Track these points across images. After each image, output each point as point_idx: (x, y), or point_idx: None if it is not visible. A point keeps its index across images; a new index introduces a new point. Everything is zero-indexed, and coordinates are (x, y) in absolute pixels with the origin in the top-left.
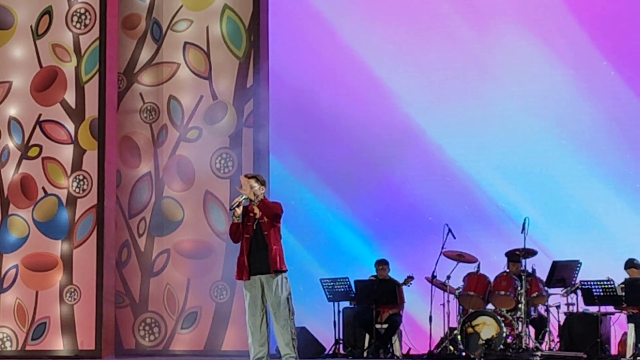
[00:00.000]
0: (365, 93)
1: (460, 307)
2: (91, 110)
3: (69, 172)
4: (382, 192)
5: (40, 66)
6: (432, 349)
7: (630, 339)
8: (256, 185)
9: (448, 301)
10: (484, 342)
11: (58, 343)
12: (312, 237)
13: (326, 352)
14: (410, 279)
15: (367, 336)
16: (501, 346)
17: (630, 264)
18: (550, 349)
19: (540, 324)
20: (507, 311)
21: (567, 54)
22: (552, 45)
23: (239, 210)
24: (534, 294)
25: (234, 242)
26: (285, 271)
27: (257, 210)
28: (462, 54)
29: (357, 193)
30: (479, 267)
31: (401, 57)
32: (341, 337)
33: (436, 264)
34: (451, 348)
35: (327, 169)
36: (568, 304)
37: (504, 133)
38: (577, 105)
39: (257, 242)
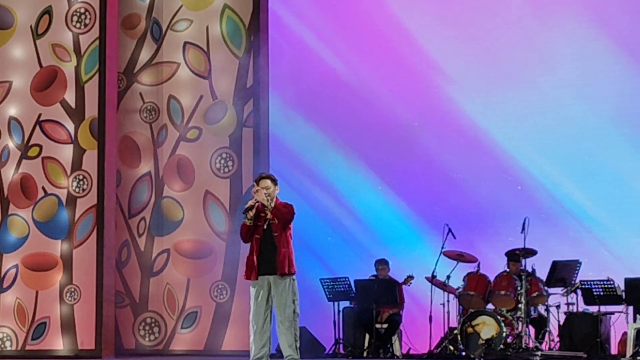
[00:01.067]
0: (365, 93)
1: (460, 307)
2: (91, 110)
3: (68, 172)
4: (382, 192)
5: (40, 66)
6: (432, 348)
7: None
8: (271, 187)
9: (448, 301)
10: (484, 341)
11: (58, 343)
12: (312, 237)
13: (326, 352)
14: (410, 278)
15: (367, 336)
16: (501, 346)
17: None
18: (550, 349)
19: (540, 323)
20: (507, 311)
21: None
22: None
23: (252, 213)
24: (534, 294)
25: (244, 242)
26: (293, 274)
27: (268, 212)
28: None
29: (357, 193)
30: (479, 266)
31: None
32: (341, 336)
33: (436, 264)
34: (451, 348)
35: (327, 169)
36: (568, 304)
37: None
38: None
39: (266, 242)
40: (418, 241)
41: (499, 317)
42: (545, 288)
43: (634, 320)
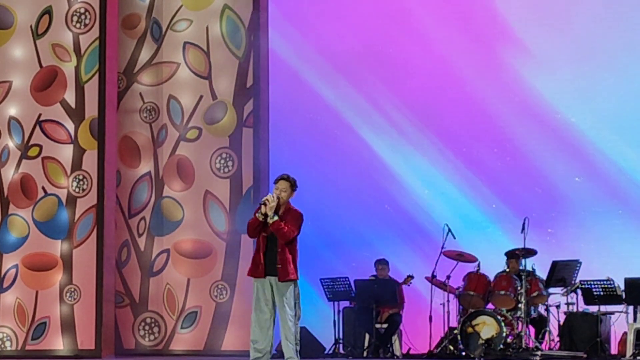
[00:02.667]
0: (365, 91)
1: (460, 307)
2: (91, 110)
3: (68, 171)
4: (382, 192)
5: (40, 66)
6: (432, 348)
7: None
8: (287, 190)
9: (448, 301)
10: (484, 341)
11: (58, 343)
12: (312, 237)
13: (326, 352)
14: (410, 278)
15: (367, 336)
16: (501, 346)
17: None
18: (550, 349)
19: (540, 323)
20: (507, 311)
21: None
22: None
23: (265, 209)
24: (534, 294)
25: (250, 237)
26: (296, 280)
27: (270, 220)
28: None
29: (357, 193)
30: (479, 266)
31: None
32: (341, 336)
33: (436, 264)
34: (451, 348)
35: (326, 168)
36: (568, 304)
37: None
38: None
39: (273, 242)
40: (418, 241)
41: (499, 317)
42: (545, 288)
43: (634, 320)
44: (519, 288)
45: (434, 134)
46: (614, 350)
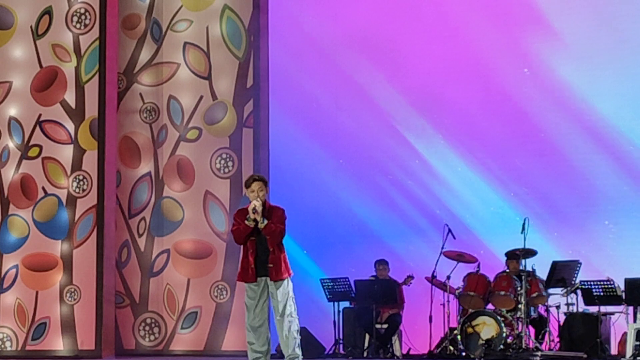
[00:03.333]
0: (365, 93)
1: (460, 307)
2: (91, 110)
3: (68, 172)
4: (383, 192)
5: (40, 66)
6: (432, 349)
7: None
8: (264, 189)
9: (448, 301)
10: (484, 342)
11: (58, 343)
12: (312, 237)
13: (326, 352)
14: (410, 278)
15: (367, 336)
16: (501, 346)
17: None
18: (550, 349)
19: (540, 324)
20: (507, 311)
21: None
22: None
23: (254, 216)
24: (534, 294)
25: (239, 244)
26: (290, 276)
27: (261, 225)
28: None
29: (356, 192)
30: (479, 267)
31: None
32: (341, 337)
33: (436, 264)
34: (451, 348)
35: (327, 168)
36: (568, 304)
37: None
38: None
39: (261, 244)
40: (418, 241)
41: (499, 318)
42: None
43: (634, 320)
44: (519, 288)
45: (434, 133)
46: (614, 350)
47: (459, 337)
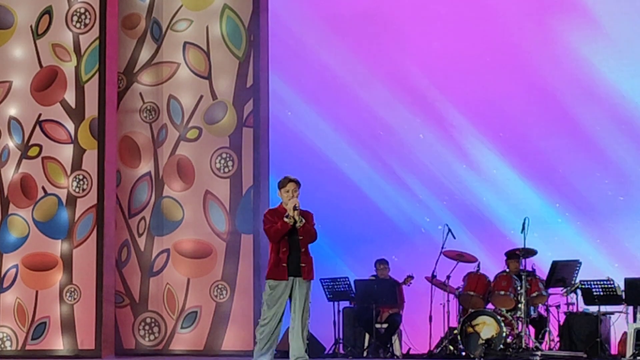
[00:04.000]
0: (365, 92)
1: (460, 307)
2: (91, 110)
3: (68, 171)
4: (383, 192)
5: (40, 66)
6: (432, 348)
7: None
8: (298, 191)
9: (448, 301)
10: (484, 341)
11: (58, 343)
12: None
13: (326, 352)
14: (410, 278)
15: (367, 336)
16: (501, 346)
17: None
18: (550, 349)
19: (540, 323)
20: (507, 311)
21: None
22: None
23: (293, 214)
24: (534, 294)
25: (274, 242)
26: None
27: (299, 224)
28: None
29: (356, 192)
30: (479, 266)
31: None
32: (341, 336)
33: (436, 264)
34: (451, 348)
35: (327, 168)
36: (568, 304)
37: None
38: None
39: (294, 243)
40: (418, 241)
41: (499, 317)
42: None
43: (634, 320)
44: (519, 288)
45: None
46: (613, 350)
47: (459, 336)
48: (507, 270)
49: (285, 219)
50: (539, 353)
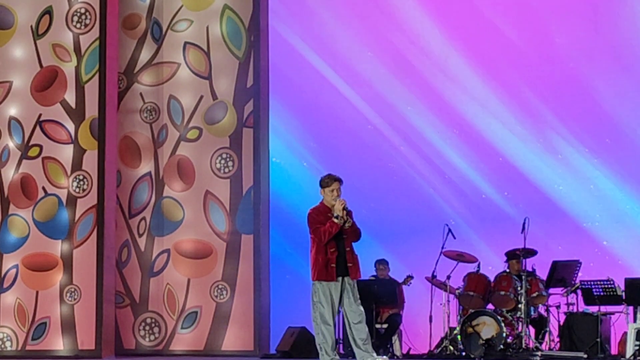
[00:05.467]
0: (365, 92)
1: (460, 307)
2: (91, 110)
3: (69, 172)
4: (382, 192)
5: (41, 66)
6: (432, 349)
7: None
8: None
9: (448, 301)
10: (484, 342)
11: (58, 343)
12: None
13: None
14: (409, 278)
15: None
16: (501, 346)
17: None
18: (550, 349)
19: (541, 323)
20: (507, 311)
21: None
22: None
23: (343, 214)
24: (534, 294)
25: (324, 243)
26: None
27: (347, 225)
28: None
29: (356, 193)
30: (479, 267)
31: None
32: (341, 337)
33: (436, 264)
34: (451, 348)
35: (327, 168)
36: (568, 304)
37: None
38: None
39: (340, 243)
40: (418, 241)
41: (499, 317)
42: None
43: (634, 320)
44: (519, 288)
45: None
46: (614, 350)
47: (459, 337)
48: (507, 270)
49: (335, 220)
50: (539, 353)
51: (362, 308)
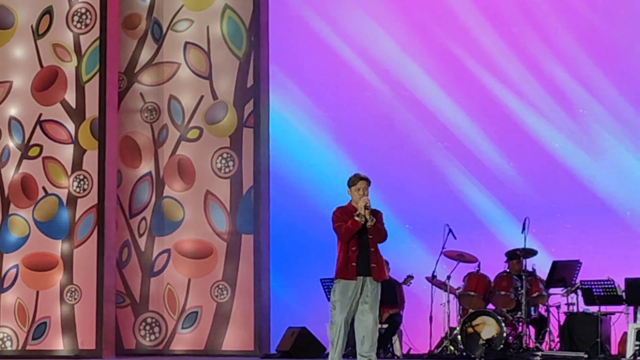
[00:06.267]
0: (366, 92)
1: (461, 307)
2: (91, 110)
3: (69, 171)
4: (382, 192)
5: (41, 66)
6: (432, 349)
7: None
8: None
9: (448, 301)
10: (484, 342)
11: (58, 343)
12: (313, 236)
13: (326, 352)
14: (410, 278)
15: None
16: (501, 346)
17: None
18: (550, 349)
19: (541, 323)
20: (508, 311)
21: None
22: None
23: (365, 212)
24: (535, 294)
25: (345, 242)
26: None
27: (370, 223)
28: None
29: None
30: (479, 267)
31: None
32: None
33: (436, 264)
34: (451, 348)
35: (327, 168)
36: (568, 304)
37: None
38: None
39: (363, 242)
40: (418, 241)
41: (499, 317)
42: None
43: (634, 320)
44: (519, 288)
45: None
46: (614, 350)
47: (459, 337)
48: (508, 270)
49: (356, 218)
50: (539, 353)
51: (376, 313)
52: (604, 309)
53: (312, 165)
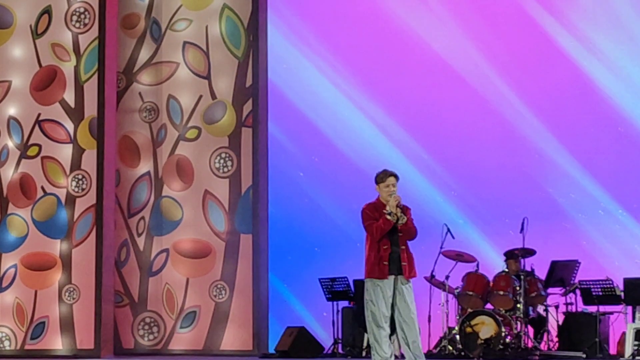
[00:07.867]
0: (364, 91)
1: (459, 307)
2: (90, 109)
3: (68, 171)
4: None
5: (40, 65)
6: (431, 348)
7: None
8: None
9: (447, 301)
10: (482, 341)
11: (57, 342)
12: (313, 236)
13: (325, 352)
14: None
15: (366, 336)
16: (500, 346)
17: None
18: (549, 349)
19: (539, 323)
20: (506, 311)
21: None
22: None
23: (397, 211)
24: (533, 294)
25: (377, 240)
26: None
27: (401, 221)
28: None
29: (356, 192)
30: (478, 266)
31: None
32: (340, 336)
33: (435, 264)
34: (450, 348)
35: (327, 168)
36: (567, 304)
37: None
38: None
39: (394, 240)
40: (418, 241)
41: (497, 317)
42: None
43: (633, 320)
44: (517, 288)
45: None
46: (612, 350)
47: (457, 336)
48: (506, 270)
49: (388, 217)
50: (537, 353)
51: (414, 308)
52: (602, 308)
53: (313, 161)
